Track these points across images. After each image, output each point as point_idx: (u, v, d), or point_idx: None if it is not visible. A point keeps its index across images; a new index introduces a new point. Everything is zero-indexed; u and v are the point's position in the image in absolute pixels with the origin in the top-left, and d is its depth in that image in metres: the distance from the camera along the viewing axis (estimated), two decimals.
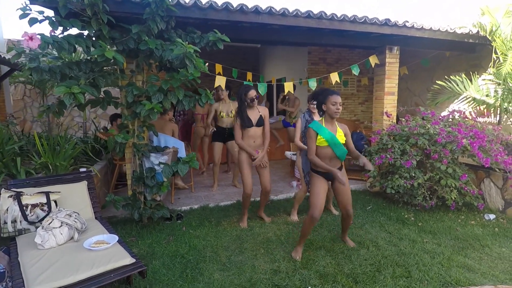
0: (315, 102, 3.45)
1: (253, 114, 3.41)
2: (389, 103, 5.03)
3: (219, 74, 4.68)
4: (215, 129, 4.73)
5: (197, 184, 5.15)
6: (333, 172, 2.61)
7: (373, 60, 4.88)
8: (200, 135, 5.45)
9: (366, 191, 4.79)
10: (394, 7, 10.98)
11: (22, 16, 2.53)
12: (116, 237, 2.45)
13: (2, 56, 5.24)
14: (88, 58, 3.11)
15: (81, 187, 3.18)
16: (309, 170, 2.92)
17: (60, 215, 2.52)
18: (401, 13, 10.17)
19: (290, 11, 3.76)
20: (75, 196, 3.07)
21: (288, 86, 4.68)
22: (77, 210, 2.80)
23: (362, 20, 4.11)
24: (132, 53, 3.25)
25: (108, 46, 2.75)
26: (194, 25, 3.55)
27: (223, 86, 4.43)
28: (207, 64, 3.19)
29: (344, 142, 2.75)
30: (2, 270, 2.36)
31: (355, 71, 4.75)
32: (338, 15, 4.00)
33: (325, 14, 3.93)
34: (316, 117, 3.60)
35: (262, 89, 4.32)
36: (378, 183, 4.36)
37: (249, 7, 3.58)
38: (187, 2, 3.29)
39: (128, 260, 2.16)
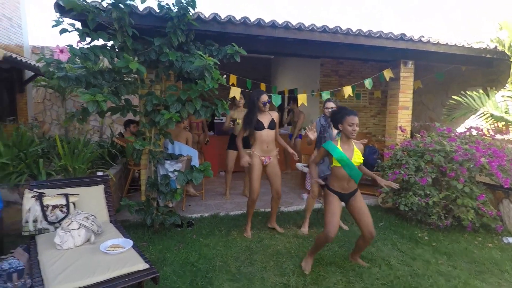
0: (330, 107, 3.50)
1: (265, 118, 3.47)
2: (403, 117, 5.02)
3: (232, 84, 4.78)
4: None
5: (208, 192, 5.22)
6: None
7: (387, 74, 4.90)
8: (194, 142, 5.54)
9: (378, 207, 4.74)
10: (396, 9, 10.96)
11: (54, 26, 2.69)
12: (130, 242, 2.51)
13: (28, 62, 5.50)
14: (111, 67, 3.25)
15: (98, 190, 3.28)
16: (326, 186, 2.88)
17: (78, 217, 2.61)
18: (402, 14, 10.14)
19: (306, 25, 3.84)
20: (92, 199, 3.17)
21: (302, 98, 4.73)
22: (93, 213, 2.89)
23: (377, 35, 4.16)
24: (152, 64, 3.38)
25: (131, 58, 2.87)
26: (212, 37, 3.67)
27: (238, 97, 4.52)
28: (224, 76, 3.28)
29: (362, 161, 2.71)
30: (21, 267, 2.46)
31: (369, 85, 4.78)
32: (353, 30, 4.06)
33: (340, 29, 4.00)
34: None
35: (276, 100, 4.39)
36: (390, 199, 4.31)
37: (266, 21, 3.68)
38: (207, 16, 3.42)
39: (142, 265, 2.22)
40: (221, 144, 6.14)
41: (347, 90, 4.79)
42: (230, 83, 4.81)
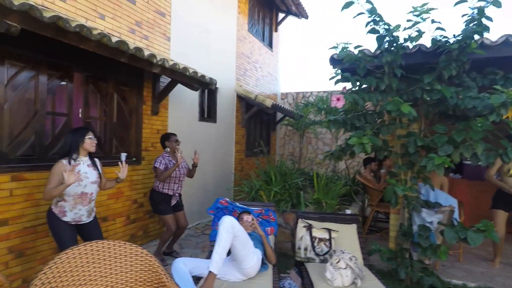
0: None
1: None
2: None
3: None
4: None
5: (466, 253, 4.21)
6: None
7: None
8: None
9: None
10: None
11: (332, 78, 3.06)
12: None
13: (283, 106, 6.76)
14: (372, 109, 3.32)
15: (352, 229, 3.34)
16: None
17: (344, 256, 2.69)
18: None
19: None
20: (346, 238, 3.25)
21: None
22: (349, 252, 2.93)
23: None
24: (414, 102, 3.19)
25: (401, 100, 2.79)
26: (491, 63, 3.06)
27: None
28: None
29: None
30: None
31: None
32: None
33: None
34: None
35: None
36: None
37: None
38: (494, 41, 2.88)
39: None
40: (472, 192, 5.02)
41: None
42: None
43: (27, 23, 2.06)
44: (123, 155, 3.81)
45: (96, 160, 2.69)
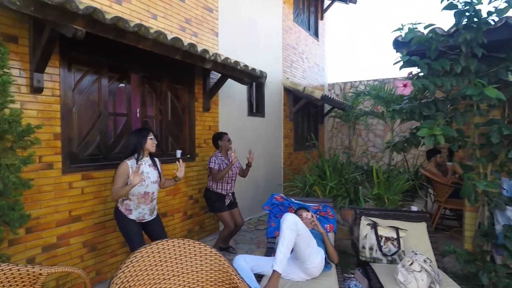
0: None
1: None
2: None
3: None
4: None
5: None
6: None
7: None
8: None
9: None
10: None
11: (397, 63, 2.78)
12: None
13: (333, 98, 6.46)
14: (444, 96, 2.98)
15: (421, 228, 3.06)
16: None
17: (419, 258, 2.45)
18: None
19: None
20: (415, 237, 2.97)
21: None
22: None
23: None
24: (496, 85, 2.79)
25: (485, 83, 2.45)
26: None
27: None
28: None
29: None
30: None
31: None
32: None
33: None
34: None
35: None
36: None
37: None
38: None
39: None
40: None
41: None
42: None
43: (91, 26, 2.12)
44: (179, 152, 3.89)
45: (156, 159, 2.75)
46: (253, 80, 4.07)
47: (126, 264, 1.42)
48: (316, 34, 8.18)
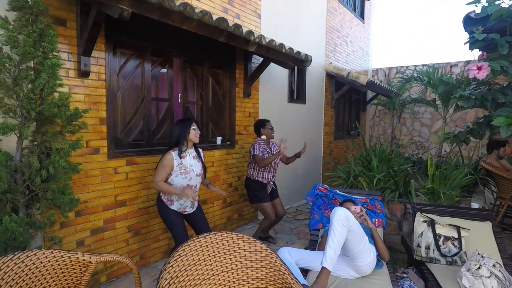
0: None
1: None
2: None
3: None
4: None
5: None
6: None
7: None
8: None
9: None
10: None
11: (468, 42, 2.44)
12: None
13: (379, 83, 6.03)
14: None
15: (485, 227, 2.73)
16: None
17: (487, 262, 2.17)
18: None
19: None
20: (479, 238, 2.67)
21: None
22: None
23: None
24: None
25: None
26: None
27: None
28: None
29: None
30: None
31: None
32: None
33: None
34: None
35: None
36: None
37: None
38: None
39: None
40: None
41: None
42: None
43: (137, 6, 2.03)
44: (219, 139, 3.81)
45: (201, 151, 2.68)
46: (297, 64, 3.84)
47: (175, 257, 1.34)
48: (361, 16, 7.66)
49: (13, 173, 1.84)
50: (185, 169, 2.44)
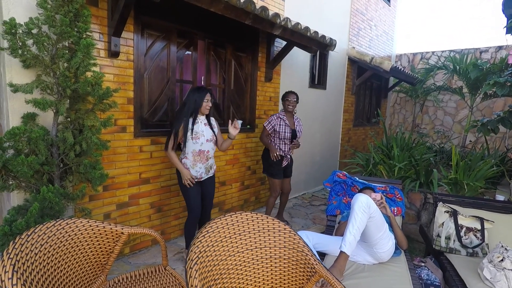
0: None
1: None
2: None
3: None
4: None
5: None
6: None
7: None
8: None
9: None
10: None
11: (506, 26, 2.32)
12: None
13: (404, 70, 5.84)
14: None
15: (510, 220, 2.68)
16: None
17: (510, 255, 2.15)
18: None
19: None
20: (503, 230, 2.62)
21: None
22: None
23: None
24: None
25: None
26: None
27: None
28: None
29: None
30: (437, 284, 2.38)
31: None
32: None
33: None
34: None
35: None
36: None
37: None
38: None
39: None
40: None
41: None
42: None
43: None
44: (239, 122, 3.83)
45: (212, 119, 2.75)
46: (321, 48, 3.78)
47: (203, 233, 1.40)
48: None
49: (50, 147, 1.93)
50: (196, 134, 2.53)
